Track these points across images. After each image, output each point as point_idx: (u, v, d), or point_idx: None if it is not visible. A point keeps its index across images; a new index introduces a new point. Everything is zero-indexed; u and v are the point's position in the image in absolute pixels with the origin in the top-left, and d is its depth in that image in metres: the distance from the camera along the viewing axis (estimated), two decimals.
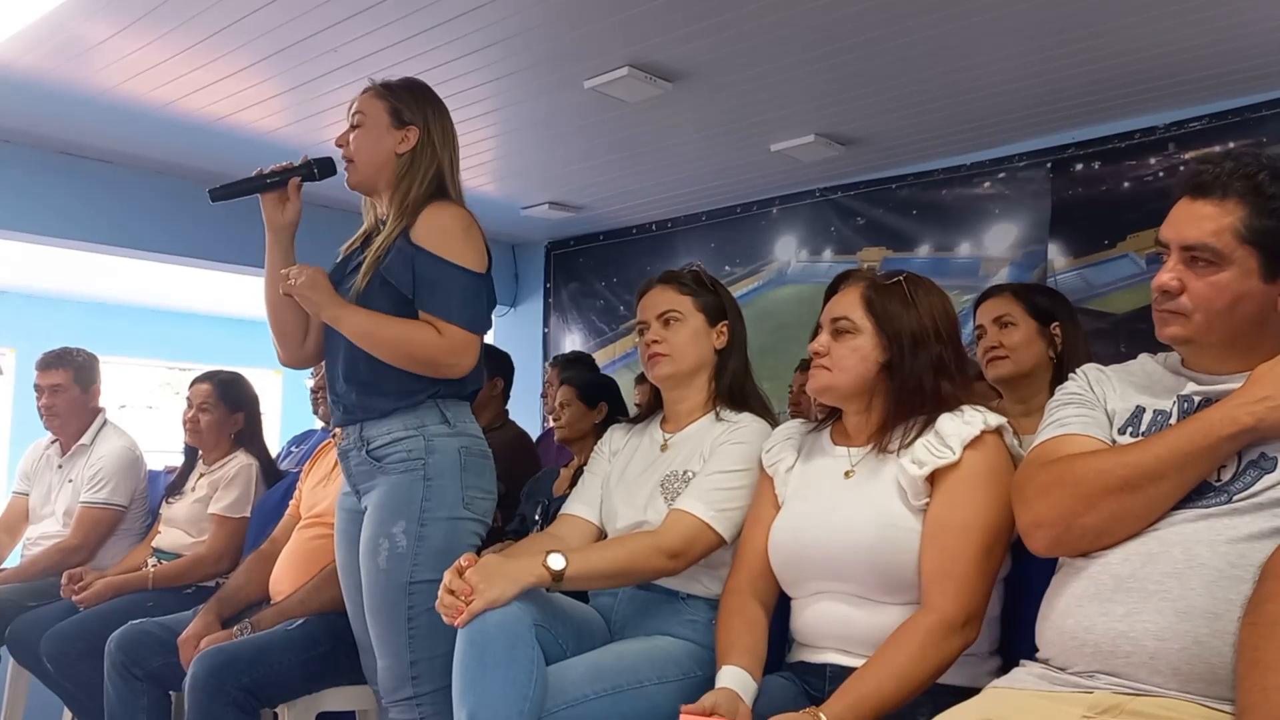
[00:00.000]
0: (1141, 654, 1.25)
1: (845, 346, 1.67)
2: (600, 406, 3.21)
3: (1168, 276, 1.36)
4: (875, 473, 1.63)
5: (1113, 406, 1.46)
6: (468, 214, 2.04)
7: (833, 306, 1.72)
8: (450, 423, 2.02)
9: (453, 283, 1.96)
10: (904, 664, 1.45)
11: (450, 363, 1.97)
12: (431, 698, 1.93)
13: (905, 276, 1.70)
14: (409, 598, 1.93)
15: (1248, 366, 1.33)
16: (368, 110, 2.07)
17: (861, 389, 1.67)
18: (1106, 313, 3.99)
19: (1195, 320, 1.35)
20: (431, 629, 1.89)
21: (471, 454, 2.03)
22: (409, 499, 1.96)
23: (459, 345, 1.96)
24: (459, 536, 1.98)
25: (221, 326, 8.36)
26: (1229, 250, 1.31)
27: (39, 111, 3.98)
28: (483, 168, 4.70)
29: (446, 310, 1.96)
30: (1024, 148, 4.31)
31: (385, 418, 2.01)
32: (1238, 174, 1.33)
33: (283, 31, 3.24)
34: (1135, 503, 1.30)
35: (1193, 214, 1.35)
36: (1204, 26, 3.16)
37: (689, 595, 1.87)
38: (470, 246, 2.00)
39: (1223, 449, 1.28)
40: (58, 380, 3.36)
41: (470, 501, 2.00)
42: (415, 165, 2.05)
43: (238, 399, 3.19)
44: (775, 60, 3.46)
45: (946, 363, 1.65)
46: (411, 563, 1.93)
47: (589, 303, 6.03)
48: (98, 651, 2.52)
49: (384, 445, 2.00)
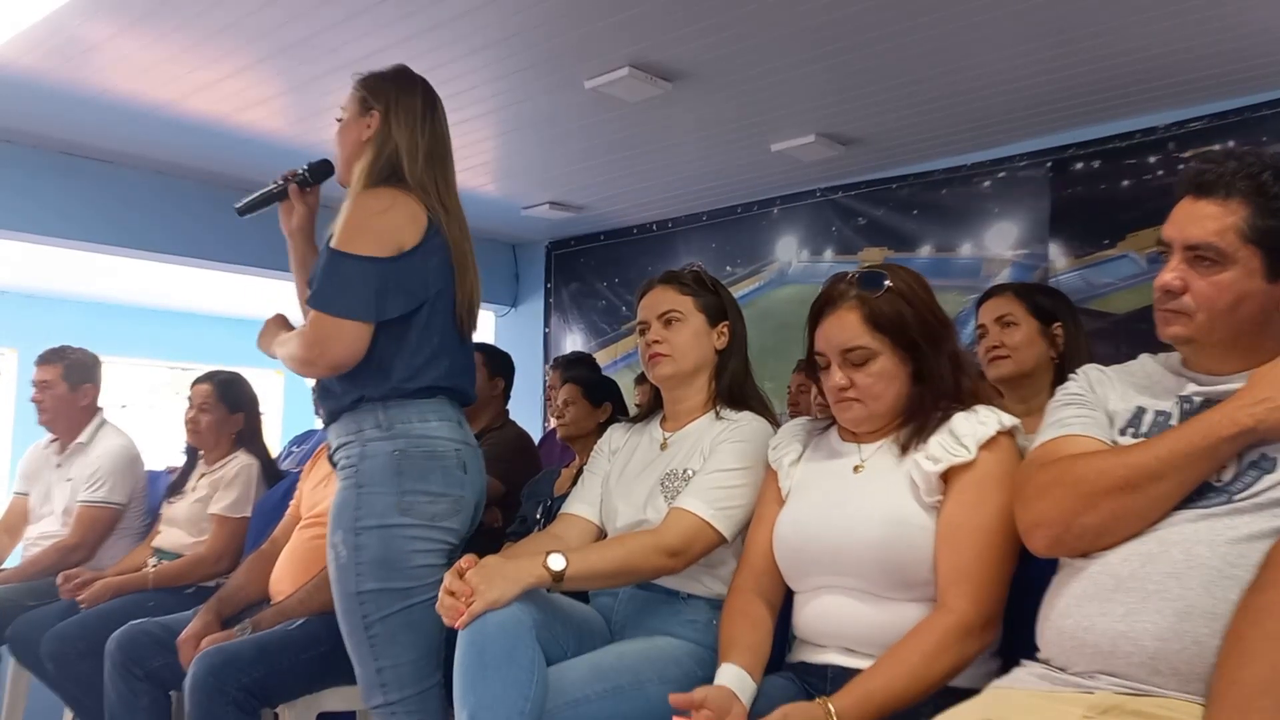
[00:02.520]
0: (1141, 654, 1.24)
1: (868, 375, 1.62)
2: (605, 406, 3.21)
3: (1170, 276, 1.35)
4: (887, 469, 1.62)
5: (1113, 407, 1.46)
6: (391, 195, 1.91)
7: (833, 337, 1.64)
8: (384, 426, 1.91)
9: (330, 269, 1.87)
10: (917, 662, 1.44)
11: (315, 355, 1.86)
12: (405, 704, 1.90)
13: (888, 277, 1.63)
14: (361, 607, 1.88)
15: (1249, 366, 1.33)
16: (346, 104, 2.07)
17: (899, 407, 1.64)
18: (1107, 313, 3.99)
19: (1198, 320, 1.34)
20: (391, 636, 1.87)
21: (409, 456, 1.90)
22: (345, 507, 1.90)
23: (320, 334, 1.85)
24: (396, 544, 1.87)
25: (221, 326, 8.36)
26: (1232, 250, 1.31)
27: (39, 111, 3.98)
28: (483, 168, 4.70)
29: (320, 300, 1.85)
30: (1024, 148, 4.31)
31: (336, 421, 1.99)
32: (1241, 173, 1.33)
33: (283, 31, 3.24)
34: (1135, 503, 1.30)
35: (1196, 213, 1.35)
36: (1204, 26, 3.16)
37: (689, 595, 1.87)
38: (368, 230, 1.86)
39: (1223, 450, 1.27)
40: (46, 376, 3.37)
41: (409, 507, 1.88)
42: (372, 152, 1.97)
43: (238, 399, 3.20)
44: (775, 60, 3.46)
45: (958, 354, 1.64)
46: (355, 573, 1.87)
47: (590, 303, 6.03)
48: (98, 651, 2.52)
49: (335, 451, 2.00)
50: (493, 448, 2.99)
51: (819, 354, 1.68)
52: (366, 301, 1.85)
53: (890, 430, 1.66)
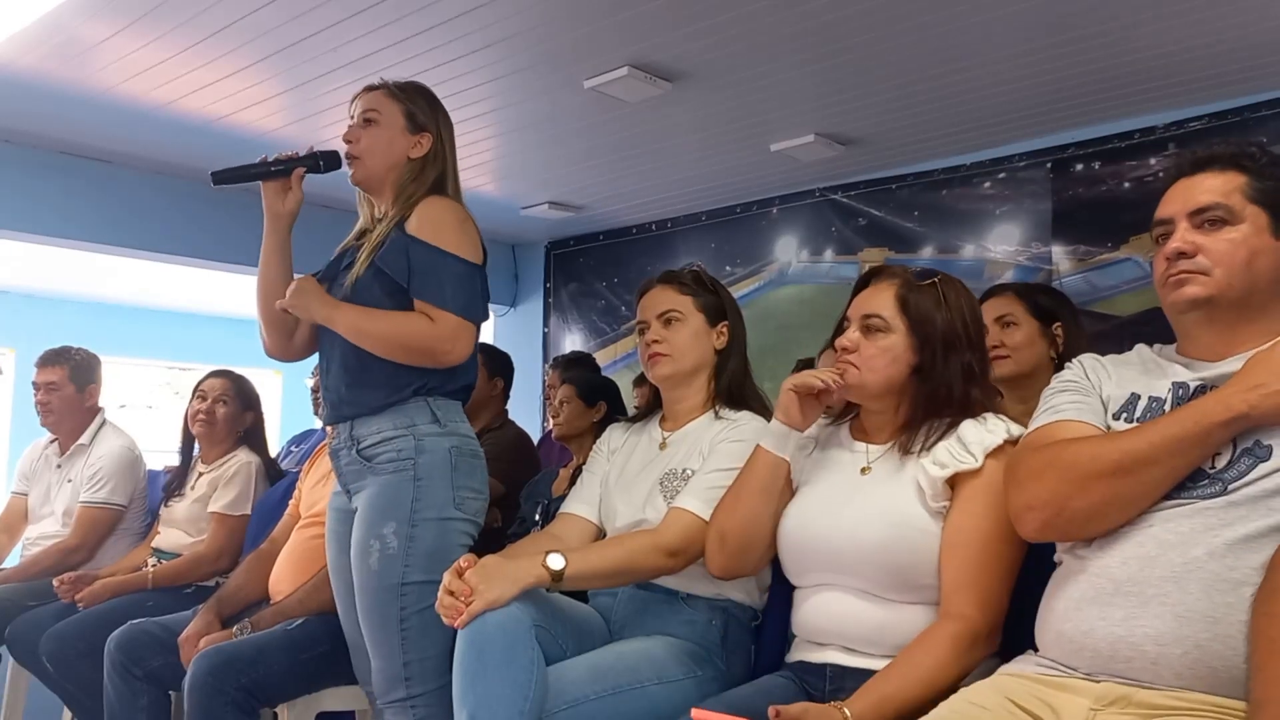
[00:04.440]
0: (1143, 659, 1.24)
1: (876, 345, 1.64)
2: (599, 405, 3.22)
3: (1180, 241, 1.37)
4: (893, 472, 1.62)
5: (1108, 393, 1.46)
6: (463, 207, 2.06)
7: (864, 302, 1.69)
8: (441, 422, 2.00)
9: (446, 270, 1.96)
10: (931, 669, 1.44)
11: (445, 350, 1.95)
12: (425, 699, 1.92)
13: (940, 277, 1.68)
14: (401, 599, 1.92)
15: (1248, 347, 1.33)
16: (382, 110, 2.08)
17: (889, 390, 1.66)
18: (1111, 315, 4.00)
19: (1216, 275, 1.35)
20: (424, 630, 1.89)
21: (462, 454, 2.01)
22: (399, 500, 1.95)
23: (452, 331, 1.95)
24: (449, 537, 1.97)
25: (221, 326, 8.36)
26: (1240, 207, 1.35)
27: (39, 111, 3.98)
28: (483, 168, 4.70)
29: (440, 297, 1.95)
30: (1024, 148, 4.31)
31: (375, 415, 2.00)
32: (1231, 150, 1.39)
33: (283, 31, 3.24)
34: (1127, 487, 1.30)
35: (1196, 185, 1.39)
36: (1204, 26, 3.16)
37: (689, 595, 1.87)
38: (465, 237, 2.00)
39: (1216, 435, 1.27)
40: (53, 378, 3.36)
41: (461, 502, 1.99)
42: (425, 171, 2.08)
43: (250, 398, 3.22)
44: (775, 60, 3.46)
45: (974, 369, 1.64)
46: (403, 564, 1.92)
47: (589, 303, 6.03)
48: (97, 651, 2.51)
49: (374, 445, 2.00)
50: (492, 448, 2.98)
51: (846, 319, 1.71)
52: (480, 304, 2.02)
53: (898, 432, 1.66)
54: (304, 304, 2.03)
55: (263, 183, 2.13)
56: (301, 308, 2.04)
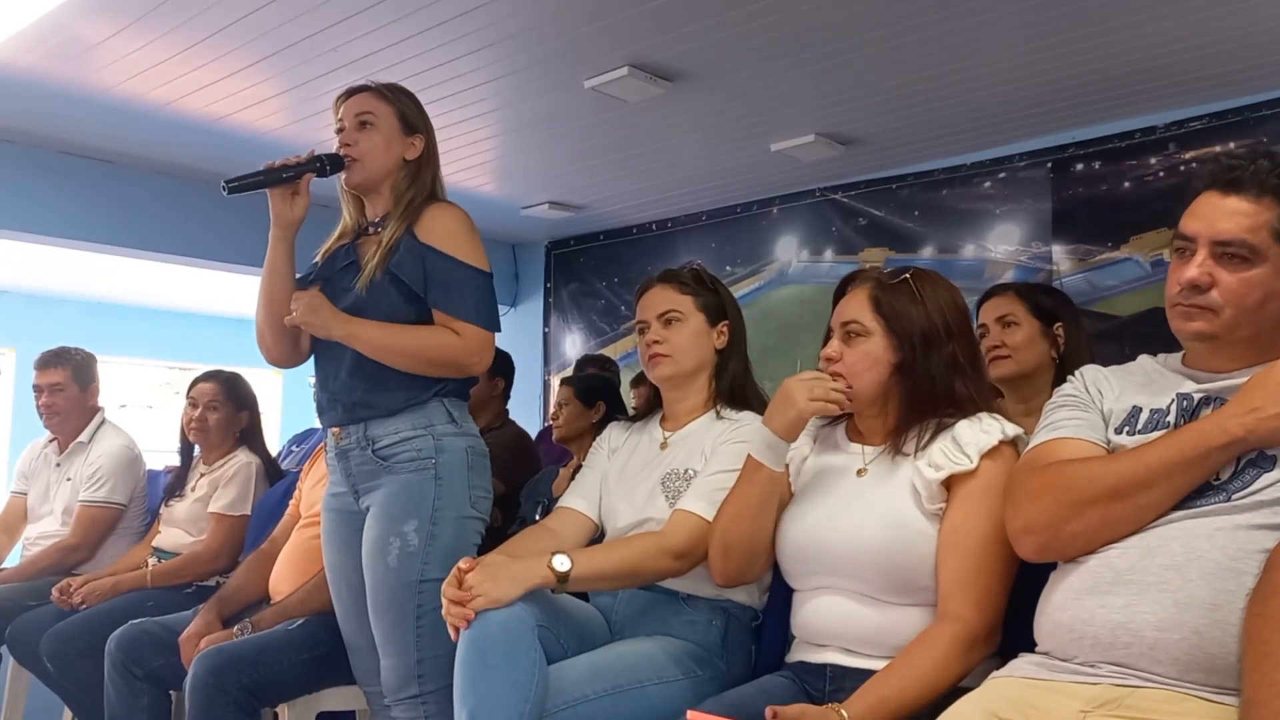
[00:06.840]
0: (1141, 644, 1.24)
1: (857, 351, 1.65)
2: (598, 406, 3.22)
3: (1198, 271, 1.33)
4: (888, 473, 1.62)
5: (1109, 406, 1.45)
6: (467, 215, 2.08)
7: (841, 310, 1.70)
8: (457, 422, 2.04)
9: (467, 282, 2.00)
10: (929, 671, 1.44)
11: (473, 362, 2.01)
12: (435, 696, 1.93)
13: (912, 273, 1.68)
14: (418, 596, 1.94)
15: (1254, 363, 1.32)
16: (376, 111, 2.08)
17: (876, 393, 1.65)
18: (1112, 315, 3.99)
19: (1224, 316, 1.33)
20: (438, 627, 1.87)
21: (476, 453, 2.06)
22: (421, 498, 1.97)
23: (478, 344, 2.00)
24: (466, 535, 2.01)
25: (221, 326, 8.35)
26: (1265, 247, 1.30)
27: (39, 111, 3.98)
28: (483, 168, 4.70)
29: (464, 310, 1.98)
30: (1024, 148, 4.31)
31: (392, 416, 2.01)
32: (1273, 172, 1.31)
33: (283, 31, 3.24)
34: (1124, 510, 1.30)
35: (1225, 208, 1.33)
36: (1204, 26, 3.16)
37: (689, 595, 1.87)
38: (477, 246, 2.04)
39: (1213, 459, 1.27)
40: (57, 379, 3.36)
41: (476, 500, 2.04)
42: (421, 173, 2.10)
43: (243, 397, 3.20)
44: (775, 60, 3.46)
45: (959, 360, 1.63)
46: (422, 561, 1.95)
47: (589, 302, 6.02)
48: (98, 651, 2.51)
49: (391, 445, 2.00)
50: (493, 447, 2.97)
51: (830, 329, 1.72)
52: (497, 313, 2.07)
53: (890, 434, 1.66)
54: (321, 322, 2.01)
55: (269, 189, 2.07)
56: (319, 326, 2.02)
